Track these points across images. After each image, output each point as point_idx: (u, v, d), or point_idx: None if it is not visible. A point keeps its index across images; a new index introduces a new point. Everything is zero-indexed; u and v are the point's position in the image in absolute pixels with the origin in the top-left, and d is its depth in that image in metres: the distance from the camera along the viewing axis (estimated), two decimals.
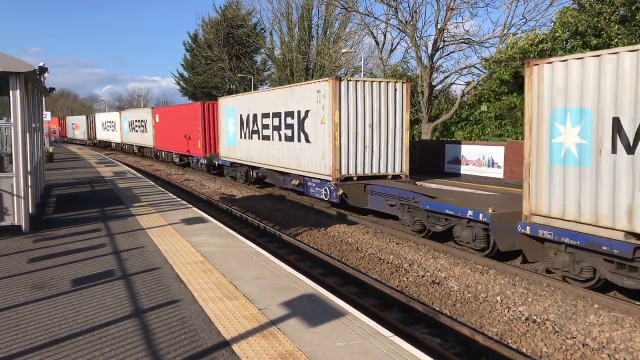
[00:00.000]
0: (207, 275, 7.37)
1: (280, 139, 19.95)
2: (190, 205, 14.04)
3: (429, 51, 29.36)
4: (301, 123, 18.07)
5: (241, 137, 24.02)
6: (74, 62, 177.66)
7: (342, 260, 11.82)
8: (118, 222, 11.36)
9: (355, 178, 16.29)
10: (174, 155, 35.15)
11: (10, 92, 9.69)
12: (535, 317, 8.26)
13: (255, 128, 22.34)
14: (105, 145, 57.14)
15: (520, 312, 8.51)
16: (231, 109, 25.04)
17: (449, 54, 30.41)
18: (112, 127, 52.75)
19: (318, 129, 16.98)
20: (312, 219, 16.39)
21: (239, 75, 49.64)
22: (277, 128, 20.12)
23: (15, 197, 10.01)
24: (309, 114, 17.52)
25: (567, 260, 9.41)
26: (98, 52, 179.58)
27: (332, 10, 36.48)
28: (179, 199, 15.25)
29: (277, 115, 20.02)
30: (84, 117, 67.08)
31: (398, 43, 38.05)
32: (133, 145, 45.86)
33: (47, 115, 35.65)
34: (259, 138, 22.03)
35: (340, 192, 16.09)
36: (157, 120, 37.66)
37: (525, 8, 30.78)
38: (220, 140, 26.83)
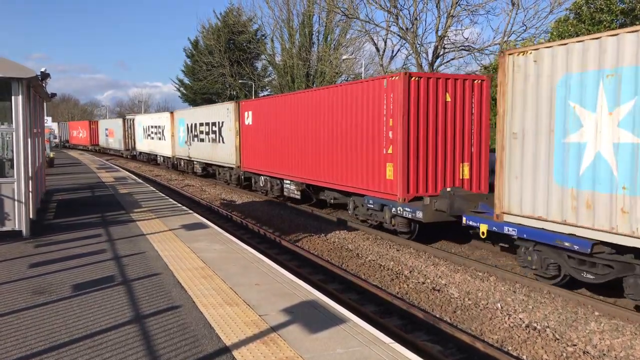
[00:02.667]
0: (207, 281, 7.37)
1: None
2: (190, 211, 14.05)
3: (430, 58, 29.46)
4: None
5: None
6: (75, 68, 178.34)
7: (342, 266, 11.81)
8: (118, 227, 11.36)
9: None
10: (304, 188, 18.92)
11: (12, 97, 9.73)
12: (535, 324, 8.24)
13: None
14: (149, 159, 42.87)
15: (520, 319, 8.50)
16: None
17: (449, 61, 30.46)
18: (159, 133, 38.01)
19: None
20: (313, 225, 16.39)
21: (239, 81, 49.76)
22: None
23: (16, 202, 10.02)
24: None
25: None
26: (100, 57, 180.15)
27: (333, 17, 36.61)
28: (179, 205, 15.26)
29: None
30: (119, 121, 50.30)
31: (399, 50, 38.33)
32: (194, 160, 31.42)
33: (48, 121, 35.97)
34: None
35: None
36: (247, 121, 23.17)
37: (525, 15, 30.82)
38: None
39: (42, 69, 12.09)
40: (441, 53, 29.38)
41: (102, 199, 16.14)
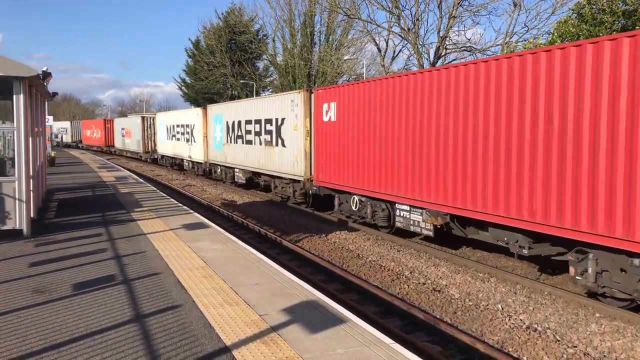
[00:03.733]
0: (207, 280, 7.36)
1: None
2: (191, 211, 14.05)
3: (431, 58, 29.47)
4: None
5: None
6: (77, 67, 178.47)
7: (343, 267, 11.80)
8: (119, 227, 11.37)
9: None
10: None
11: (14, 96, 9.74)
12: (536, 326, 8.23)
13: None
14: (172, 164, 36.74)
15: (521, 320, 8.48)
16: None
17: (451, 62, 30.47)
18: (187, 134, 31.38)
19: None
20: (313, 225, 16.38)
21: (241, 81, 49.77)
22: None
23: (17, 201, 10.03)
24: None
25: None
26: (102, 57, 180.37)
27: (335, 17, 36.63)
28: (180, 204, 15.26)
29: None
30: (137, 120, 42.60)
31: (400, 50, 38.37)
32: (236, 167, 24.60)
33: (49, 120, 35.75)
34: None
35: None
36: (328, 116, 16.24)
37: (527, 16, 30.88)
38: None
39: (44, 68, 12.08)
40: (443, 54, 29.40)
41: (103, 198, 16.15)
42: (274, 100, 20.38)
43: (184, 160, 32.93)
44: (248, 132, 22.66)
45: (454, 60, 30.18)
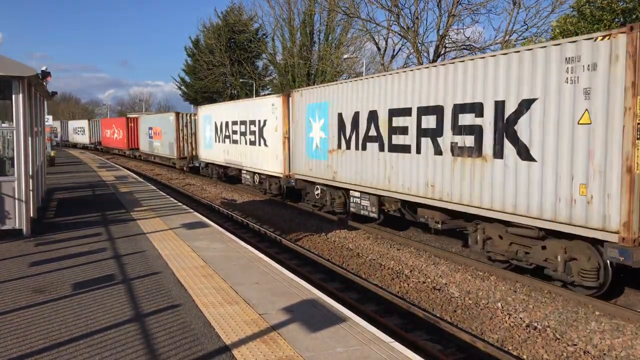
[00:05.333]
0: (207, 280, 7.36)
1: None
2: (191, 210, 14.05)
3: (431, 57, 29.46)
4: None
5: None
6: (77, 67, 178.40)
7: (342, 265, 11.80)
8: (119, 226, 11.36)
9: None
10: None
11: (13, 96, 9.73)
12: (536, 324, 8.23)
13: None
14: (222, 176, 27.44)
15: (521, 318, 8.49)
16: None
17: (451, 60, 30.47)
18: (252, 133, 22.17)
19: None
20: (313, 224, 16.38)
21: (240, 80, 49.75)
22: None
23: (16, 201, 10.02)
24: None
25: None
26: (102, 57, 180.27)
27: (334, 16, 36.62)
28: (180, 204, 15.26)
29: None
30: (170, 117, 33.30)
31: (400, 49, 38.29)
32: (363, 191, 14.68)
33: (49, 119, 35.47)
34: None
35: None
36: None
37: (526, 15, 30.90)
38: None
39: (43, 68, 12.07)
40: (442, 52, 29.38)
41: (103, 198, 16.14)
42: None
43: (243, 171, 23.62)
44: (403, 130, 13.67)
45: (453, 58, 30.17)
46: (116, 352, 4.94)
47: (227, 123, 25.08)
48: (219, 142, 26.18)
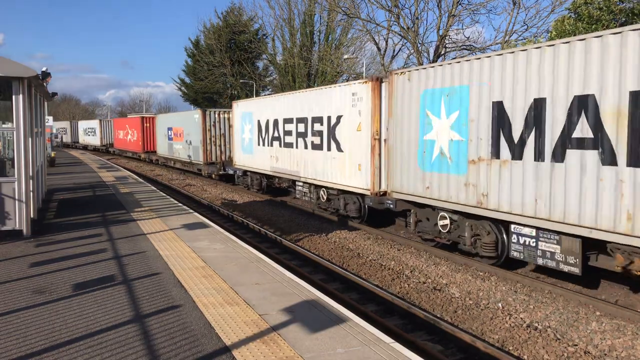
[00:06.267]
0: (208, 280, 7.36)
1: None
2: (191, 211, 14.04)
3: (431, 57, 29.46)
4: None
5: None
6: (78, 67, 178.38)
7: (343, 266, 11.80)
8: (119, 227, 11.36)
9: None
10: None
11: (13, 96, 9.73)
12: (536, 324, 8.23)
13: None
14: (265, 187, 22.56)
15: (521, 319, 8.48)
16: None
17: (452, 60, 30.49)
18: (316, 135, 16.85)
19: None
20: (314, 225, 16.37)
21: (240, 81, 49.76)
22: None
23: (17, 202, 10.02)
24: None
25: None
26: (103, 57, 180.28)
27: (334, 16, 36.62)
28: (180, 204, 15.26)
29: None
30: (194, 115, 28.76)
31: (400, 49, 38.27)
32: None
33: (49, 120, 35.30)
34: None
35: None
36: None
37: (526, 15, 30.95)
38: None
39: (43, 69, 12.08)
40: (442, 52, 29.39)
41: (103, 199, 16.14)
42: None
43: (299, 184, 18.57)
44: None
45: (454, 58, 30.17)
46: (116, 353, 4.93)
47: (276, 121, 19.76)
48: (264, 145, 21.00)
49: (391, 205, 13.42)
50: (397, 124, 12.98)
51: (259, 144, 21.56)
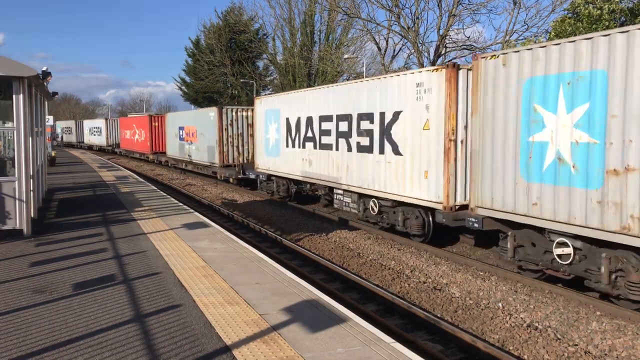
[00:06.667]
0: (208, 280, 7.36)
1: None
2: (191, 210, 14.04)
3: (431, 57, 29.46)
4: None
5: None
6: (78, 67, 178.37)
7: (343, 266, 11.80)
8: (119, 226, 11.36)
9: None
10: None
11: (14, 96, 9.73)
12: (537, 324, 8.22)
13: None
14: (292, 195, 19.91)
15: (522, 318, 8.47)
16: None
17: (451, 60, 30.48)
18: (370, 135, 14.14)
19: None
20: (314, 224, 16.37)
21: (241, 80, 49.75)
22: None
23: (17, 201, 10.02)
24: None
25: None
26: (103, 57, 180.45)
27: (335, 16, 36.60)
28: (180, 204, 15.25)
29: None
30: (211, 112, 26.44)
31: (400, 49, 38.23)
32: None
33: (49, 120, 35.23)
34: None
35: None
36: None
37: (526, 15, 30.93)
38: None
39: (44, 68, 12.07)
40: (443, 52, 29.38)
41: (103, 198, 16.14)
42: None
43: (339, 192, 16.04)
44: None
45: (454, 58, 30.19)
46: (116, 353, 4.93)
47: (309, 119, 17.13)
48: (294, 146, 18.24)
49: (475, 224, 10.70)
50: (485, 121, 10.38)
51: (287, 146, 18.72)
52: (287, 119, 18.65)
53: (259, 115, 21.31)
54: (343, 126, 15.26)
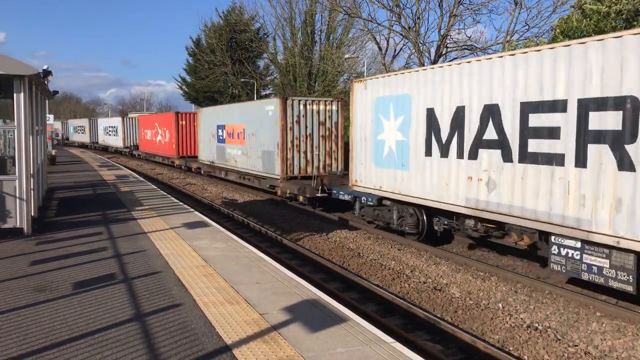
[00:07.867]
0: (208, 279, 7.36)
1: None
2: (192, 209, 14.04)
3: (432, 57, 29.42)
4: None
5: None
6: (79, 66, 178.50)
7: (343, 265, 11.80)
8: (120, 225, 11.36)
9: None
10: None
11: (14, 95, 9.73)
12: (537, 325, 8.22)
13: None
14: (443, 235, 13.15)
15: (522, 319, 8.47)
16: None
17: (451, 60, 30.44)
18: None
19: None
20: (314, 224, 16.37)
21: (241, 80, 49.72)
22: None
23: (17, 200, 10.02)
24: None
25: None
26: (103, 56, 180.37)
27: (335, 16, 36.59)
28: (180, 203, 15.25)
29: None
30: (270, 107, 19.98)
31: (401, 49, 38.17)
32: None
33: (50, 118, 35.19)
34: None
35: None
36: None
37: (527, 15, 30.89)
38: None
39: (44, 67, 12.07)
40: (444, 52, 29.35)
41: (104, 197, 16.14)
42: None
43: (589, 250, 8.61)
44: None
45: (455, 58, 30.15)
46: (117, 352, 4.93)
47: (491, 109, 10.35)
48: (446, 154, 11.64)
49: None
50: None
51: (428, 153, 12.26)
52: (431, 110, 12.12)
53: (358, 105, 15.13)
54: (605, 120, 8.21)
